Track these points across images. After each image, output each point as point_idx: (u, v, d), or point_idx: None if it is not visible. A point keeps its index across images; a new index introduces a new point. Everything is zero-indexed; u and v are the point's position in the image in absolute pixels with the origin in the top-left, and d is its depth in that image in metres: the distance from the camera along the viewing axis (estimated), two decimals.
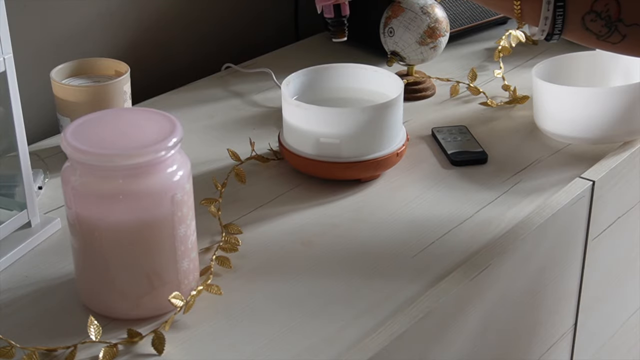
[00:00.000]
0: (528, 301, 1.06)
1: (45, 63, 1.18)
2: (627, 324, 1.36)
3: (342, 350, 0.81)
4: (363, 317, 0.86)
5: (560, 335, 1.18)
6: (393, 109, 1.06)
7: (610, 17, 0.93)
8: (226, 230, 0.98)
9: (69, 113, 1.11)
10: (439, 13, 1.26)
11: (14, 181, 0.96)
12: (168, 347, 0.81)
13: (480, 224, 1.00)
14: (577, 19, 0.95)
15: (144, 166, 0.80)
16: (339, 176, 1.07)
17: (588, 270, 1.17)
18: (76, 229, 0.83)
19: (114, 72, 1.16)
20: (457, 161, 1.12)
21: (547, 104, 1.16)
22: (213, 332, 0.84)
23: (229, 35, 1.50)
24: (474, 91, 1.30)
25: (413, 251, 0.95)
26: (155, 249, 0.83)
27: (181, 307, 0.84)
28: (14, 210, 0.96)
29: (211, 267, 0.91)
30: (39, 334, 0.83)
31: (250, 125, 1.23)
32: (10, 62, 0.90)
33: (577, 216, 1.10)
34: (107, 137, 0.83)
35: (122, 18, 1.33)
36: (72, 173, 0.81)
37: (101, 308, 0.85)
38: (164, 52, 1.41)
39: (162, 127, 0.83)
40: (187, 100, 1.31)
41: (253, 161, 1.11)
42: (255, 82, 1.36)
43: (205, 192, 1.03)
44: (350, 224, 1.00)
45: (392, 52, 1.27)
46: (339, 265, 0.93)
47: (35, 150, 1.16)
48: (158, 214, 0.81)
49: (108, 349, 0.80)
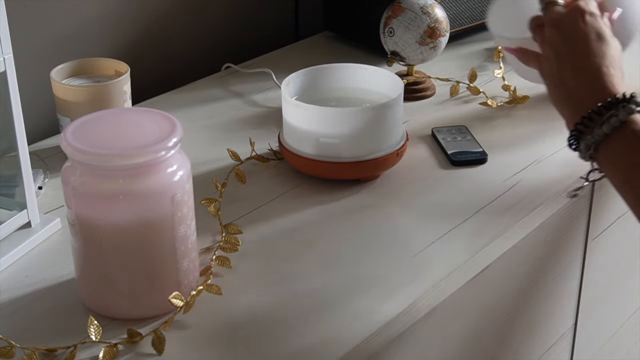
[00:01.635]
0: (528, 301, 1.06)
1: (45, 63, 1.18)
2: (627, 324, 1.36)
3: (342, 351, 0.81)
4: (363, 317, 0.86)
5: (560, 335, 1.18)
6: (393, 109, 1.06)
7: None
8: (226, 230, 0.98)
9: (69, 113, 1.11)
10: (439, 13, 1.26)
11: (14, 181, 0.96)
12: (168, 347, 0.81)
13: (480, 224, 1.00)
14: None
15: (144, 166, 0.80)
16: (339, 176, 1.07)
17: (588, 270, 1.17)
18: (76, 229, 0.83)
19: (114, 72, 1.16)
20: (457, 161, 1.12)
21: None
22: (213, 332, 0.84)
23: (229, 35, 1.50)
24: (474, 91, 1.30)
25: (413, 251, 0.95)
26: (155, 249, 0.83)
27: (181, 307, 0.84)
28: (14, 210, 0.96)
29: (211, 267, 0.91)
30: (39, 334, 0.83)
31: (250, 125, 1.23)
32: (10, 62, 0.90)
33: (577, 216, 1.10)
34: (107, 137, 0.83)
35: (122, 18, 1.33)
36: (72, 173, 0.81)
37: (101, 308, 0.85)
38: (164, 52, 1.41)
39: (162, 127, 0.83)
40: (187, 100, 1.31)
41: (253, 161, 1.11)
42: (255, 82, 1.36)
43: (205, 192, 1.03)
44: (350, 224, 1.00)
45: (392, 52, 1.27)
46: (339, 265, 0.93)
47: (35, 150, 1.16)
48: (158, 214, 0.81)
49: (108, 349, 0.80)
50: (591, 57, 0.89)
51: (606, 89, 0.87)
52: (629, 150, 0.84)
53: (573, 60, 0.90)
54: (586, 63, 0.89)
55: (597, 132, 0.85)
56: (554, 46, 0.92)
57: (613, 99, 0.85)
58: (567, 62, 0.91)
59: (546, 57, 0.93)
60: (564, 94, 0.91)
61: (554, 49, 0.92)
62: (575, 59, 0.90)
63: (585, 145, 0.86)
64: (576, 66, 0.90)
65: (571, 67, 0.90)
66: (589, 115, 0.86)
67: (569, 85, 0.90)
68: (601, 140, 0.85)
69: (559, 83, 0.91)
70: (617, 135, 0.84)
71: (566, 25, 0.92)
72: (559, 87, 0.91)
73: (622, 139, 0.84)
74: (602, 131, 0.84)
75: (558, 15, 0.93)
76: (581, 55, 0.90)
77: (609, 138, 0.84)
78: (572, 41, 0.91)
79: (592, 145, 0.85)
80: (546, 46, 0.94)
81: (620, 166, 0.84)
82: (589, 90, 0.88)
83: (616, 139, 0.84)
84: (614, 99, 0.85)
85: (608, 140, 0.84)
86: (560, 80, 0.91)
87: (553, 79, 0.92)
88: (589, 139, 0.85)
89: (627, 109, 0.84)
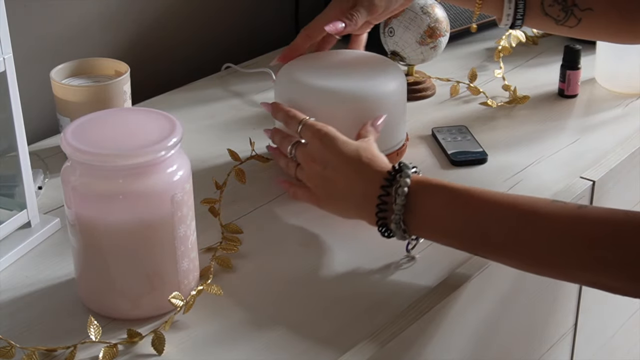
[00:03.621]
0: (528, 301, 1.06)
1: (45, 63, 1.18)
2: (627, 324, 1.36)
3: (342, 351, 0.81)
4: (363, 318, 0.86)
5: (560, 335, 1.18)
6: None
7: (567, 1, 1.05)
8: (226, 230, 0.98)
9: (69, 113, 1.11)
10: (439, 13, 1.26)
11: (14, 181, 0.96)
12: (168, 347, 0.81)
13: None
14: (537, 5, 1.05)
15: (144, 166, 0.80)
16: None
17: None
18: (76, 229, 0.83)
19: (114, 72, 1.16)
20: (457, 161, 1.12)
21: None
22: (213, 332, 0.84)
23: (229, 35, 1.50)
24: (474, 91, 1.30)
25: (413, 251, 0.95)
26: (155, 249, 0.83)
27: (181, 307, 0.84)
28: (14, 210, 0.96)
29: (211, 267, 0.91)
30: (39, 334, 0.83)
31: (250, 125, 1.23)
32: (10, 62, 0.90)
33: None
34: (107, 137, 0.83)
35: (122, 18, 1.33)
36: (72, 173, 0.81)
37: (101, 308, 0.85)
38: (164, 52, 1.41)
39: (162, 127, 0.83)
40: (187, 100, 1.31)
41: (253, 161, 1.11)
42: (255, 82, 1.36)
43: (205, 192, 1.03)
44: (350, 224, 1.00)
45: (392, 52, 1.27)
46: (339, 266, 0.93)
47: (35, 150, 1.16)
48: (158, 214, 0.81)
49: (108, 349, 0.80)
50: (348, 157, 0.92)
51: (377, 172, 0.89)
52: (435, 206, 0.86)
53: (335, 171, 0.92)
54: (347, 166, 0.91)
55: (396, 208, 0.86)
56: (315, 173, 0.94)
57: (389, 175, 0.88)
58: (331, 176, 0.92)
59: (314, 186, 0.95)
60: (349, 201, 0.92)
61: (315, 176, 0.94)
62: (337, 169, 0.92)
63: (395, 224, 0.87)
64: (343, 173, 0.92)
65: (341, 177, 0.92)
66: (381, 199, 0.88)
67: (349, 191, 0.91)
68: (403, 212, 0.86)
69: (340, 196, 0.92)
70: (414, 201, 0.86)
71: (309, 152, 0.95)
72: (342, 199, 0.93)
73: (420, 202, 0.86)
74: (400, 203, 0.86)
75: (301, 153, 0.96)
76: (338, 161, 0.92)
77: (409, 209, 0.86)
78: (324, 160, 0.93)
79: (399, 220, 0.87)
80: (309, 178, 0.95)
81: (437, 229, 0.87)
82: (366, 183, 0.90)
83: (416, 205, 0.86)
84: (389, 175, 0.88)
85: (409, 210, 0.86)
86: (339, 193, 0.92)
87: (331, 197, 0.94)
88: (394, 217, 0.87)
89: (404, 174, 0.87)
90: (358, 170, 0.91)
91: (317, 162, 0.94)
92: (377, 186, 0.89)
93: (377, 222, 0.89)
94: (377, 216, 0.89)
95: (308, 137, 0.96)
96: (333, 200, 0.94)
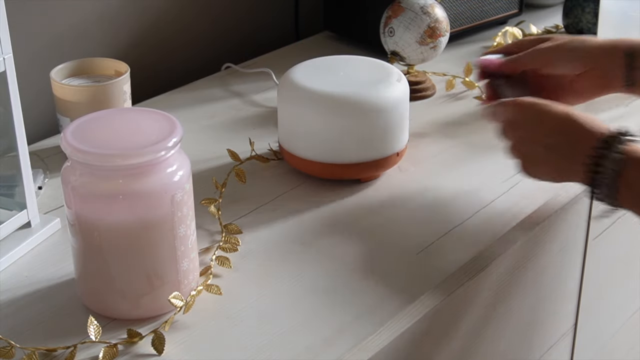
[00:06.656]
0: (528, 301, 1.06)
1: (45, 63, 1.18)
2: (627, 324, 1.36)
3: (342, 350, 0.81)
4: (363, 317, 0.86)
5: (560, 335, 1.18)
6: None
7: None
8: (226, 230, 0.98)
9: (69, 113, 1.11)
10: (439, 13, 1.26)
11: (14, 181, 0.96)
12: (168, 347, 0.81)
13: (480, 224, 1.00)
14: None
15: (144, 166, 0.80)
16: (339, 176, 1.07)
17: (588, 270, 1.17)
18: (76, 229, 0.83)
19: (114, 72, 1.16)
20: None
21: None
22: (213, 332, 0.84)
23: (229, 35, 1.50)
24: (469, 85, 1.30)
25: (413, 251, 0.95)
26: (155, 249, 0.83)
27: (181, 307, 0.84)
28: (14, 210, 0.96)
29: (211, 267, 0.91)
30: (39, 334, 0.83)
31: (250, 125, 1.23)
32: (10, 62, 0.90)
33: (577, 216, 1.10)
34: (107, 137, 0.83)
35: (122, 18, 1.33)
36: (72, 173, 0.82)
37: (101, 308, 0.85)
38: (164, 52, 1.41)
39: (162, 127, 0.83)
40: (187, 100, 1.31)
41: (253, 161, 1.11)
42: (255, 82, 1.36)
43: (205, 192, 1.03)
44: (350, 224, 1.00)
45: (392, 52, 1.27)
46: (339, 265, 0.93)
47: (35, 150, 1.16)
48: (158, 214, 0.81)
49: (108, 349, 0.80)
50: (558, 113, 0.91)
51: (593, 130, 0.88)
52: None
53: (545, 128, 0.92)
54: (561, 123, 0.91)
55: (609, 169, 0.86)
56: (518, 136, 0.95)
57: (606, 137, 0.87)
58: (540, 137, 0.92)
59: (522, 151, 0.95)
60: (560, 161, 0.91)
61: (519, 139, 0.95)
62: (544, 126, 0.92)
63: (607, 186, 0.86)
64: (554, 130, 0.91)
65: (549, 132, 0.91)
66: (597, 153, 0.87)
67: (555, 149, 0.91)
68: (615, 176, 0.85)
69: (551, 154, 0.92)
70: (627, 168, 0.85)
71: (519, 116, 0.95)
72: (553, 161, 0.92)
73: (634, 169, 0.85)
74: (615, 165, 0.85)
75: (506, 115, 0.96)
76: (549, 119, 0.92)
77: (620, 173, 0.85)
78: (534, 121, 0.93)
79: (612, 182, 0.86)
80: (515, 143, 0.95)
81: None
82: (582, 136, 0.89)
83: (629, 170, 0.85)
84: (608, 137, 0.87)
85: (621, 176, 0.85)
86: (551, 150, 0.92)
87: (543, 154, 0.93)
88: (606, 179, 0.86)
89: (623, 142, 0.86)
90: (571, 131, 0.90)
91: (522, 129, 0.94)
92: (591, 146, 0.87)
93: (591, 179, 0.88)
94: (590, 169, 0.87)
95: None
96: (545, 157, 0.93)
